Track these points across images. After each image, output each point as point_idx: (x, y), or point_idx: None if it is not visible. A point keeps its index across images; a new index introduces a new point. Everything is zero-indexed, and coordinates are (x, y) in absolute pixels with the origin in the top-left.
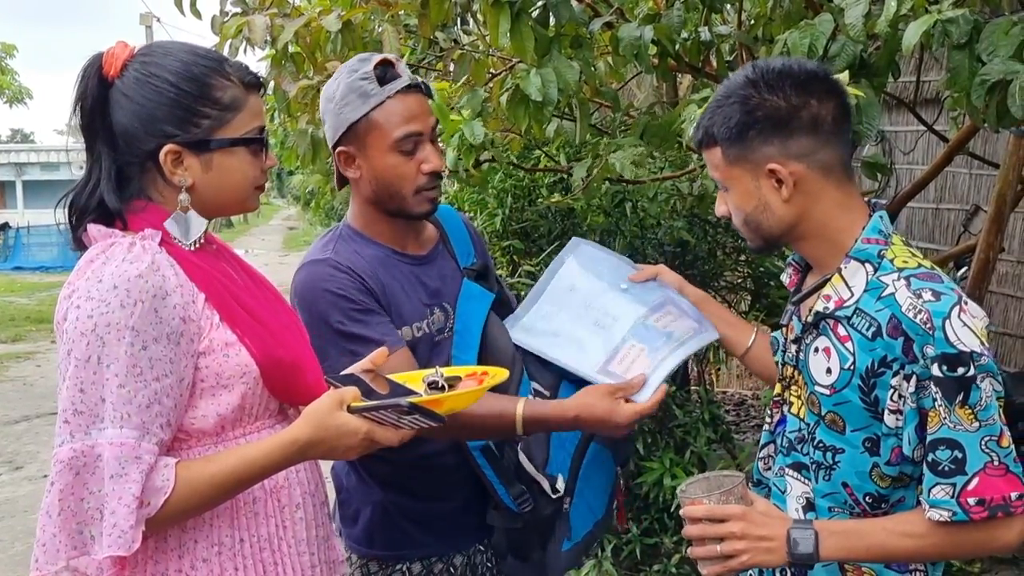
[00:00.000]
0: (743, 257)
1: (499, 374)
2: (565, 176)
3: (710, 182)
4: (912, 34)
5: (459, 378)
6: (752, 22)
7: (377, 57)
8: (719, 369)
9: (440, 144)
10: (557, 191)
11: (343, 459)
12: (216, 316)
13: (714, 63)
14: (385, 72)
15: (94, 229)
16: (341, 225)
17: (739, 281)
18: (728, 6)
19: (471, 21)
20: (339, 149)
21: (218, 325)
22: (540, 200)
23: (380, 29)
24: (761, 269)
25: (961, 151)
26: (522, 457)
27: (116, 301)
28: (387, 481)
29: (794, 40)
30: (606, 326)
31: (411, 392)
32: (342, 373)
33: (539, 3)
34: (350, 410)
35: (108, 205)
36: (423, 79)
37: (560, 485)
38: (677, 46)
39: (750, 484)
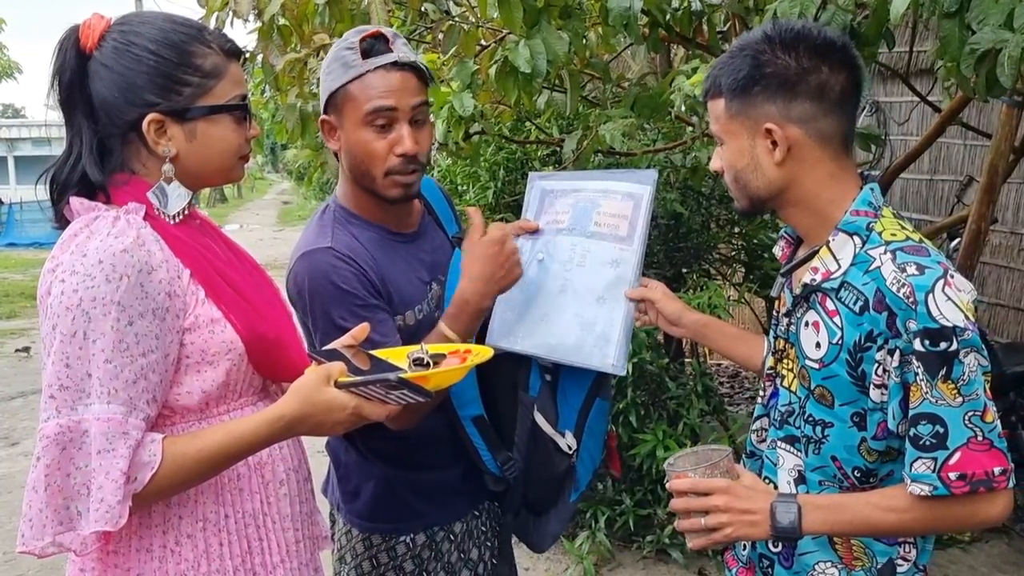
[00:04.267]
0: (737, 229)
1: (483, 352)
2: (558, 148)
3: (703, 154)
4: (900, 3)
5: (443, 355)
6: None
7: (372, 30)
8: None
9: (430, 128)
10: (550, 164)
11: (330, 435)
12: (201, 292)
13: (706, 33)
14: (372, 46)
15: (76, 202)
16: (332, 204)
17: (733, 253)
18: None
19: None
20: (322, 118)
21: (203, 301)
22: (532, 172)
23: (367, 0)
24: (755, 241)
25: (954, 122)
26: (538, 417)
27: (102, 276)
28: (387, 455)
29: (783, 9)
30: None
31: (395, 368)
32: (324, 348)
33: None
34: (337, 385)
35: (91, 179)
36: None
37: (572, 441)
38: (668, 16)
39: (743, 456)
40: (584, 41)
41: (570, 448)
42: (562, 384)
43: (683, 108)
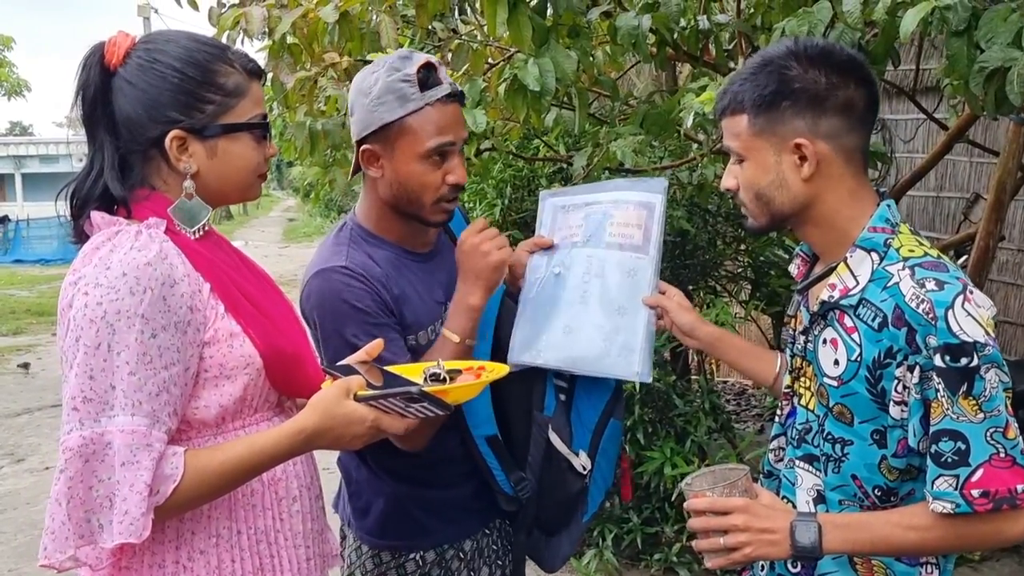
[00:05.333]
0: (743, 246)
1: (498, 369)
2: (565, 165)
3: (710, 171)
4: (910, 21)
5: (459, 371)
6: (751, 10)
7: (421, 58)
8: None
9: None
10: (557, 181)
11: (349, 448)
12: (221, 306)
13: (713, 52)
14: (428, 77)
15: (97, 217)
16: (350, 222)
17: (739, 270)
18: None
19: (468, 11)
20: (364, 147)
21: (223, 315)
22: (540, 190)
23: (377, 20)
24: (761, 258)
25: (961, 139)
26: (553, 436)
27: (126, 288)
28: (398, 473)
29: (792, 28)
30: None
31: (411, 383)
32: (338, 364)
33: None
34: (357, 398)
35: (113, 193)
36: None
37: (586, 461)
38: (675, 35)
39: (760, 476)
40: (592, 59)
41: (584, 468)
42: (576, 404)
43: (689, 125)
